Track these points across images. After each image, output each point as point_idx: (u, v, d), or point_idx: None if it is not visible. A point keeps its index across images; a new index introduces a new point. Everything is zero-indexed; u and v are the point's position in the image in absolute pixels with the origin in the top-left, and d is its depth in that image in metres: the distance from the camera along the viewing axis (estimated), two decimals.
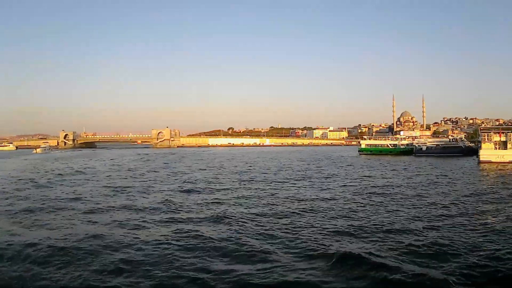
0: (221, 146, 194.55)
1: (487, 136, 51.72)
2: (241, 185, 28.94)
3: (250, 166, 49.83)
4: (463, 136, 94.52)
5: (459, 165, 48.45)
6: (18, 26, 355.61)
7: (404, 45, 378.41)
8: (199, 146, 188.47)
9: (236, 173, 40.31)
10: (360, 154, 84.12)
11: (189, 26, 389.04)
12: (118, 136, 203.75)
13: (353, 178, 33.95)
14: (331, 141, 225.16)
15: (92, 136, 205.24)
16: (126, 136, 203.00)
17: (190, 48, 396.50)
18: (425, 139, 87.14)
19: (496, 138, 50.79)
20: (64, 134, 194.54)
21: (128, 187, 27.82)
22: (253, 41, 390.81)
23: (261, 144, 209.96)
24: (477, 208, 18.29)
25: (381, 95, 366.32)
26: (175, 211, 18.30)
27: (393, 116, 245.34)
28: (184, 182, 31.45)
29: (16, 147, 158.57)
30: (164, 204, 19.76)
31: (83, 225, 15.40)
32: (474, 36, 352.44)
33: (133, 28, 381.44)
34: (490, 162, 48.86)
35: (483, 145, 51.62)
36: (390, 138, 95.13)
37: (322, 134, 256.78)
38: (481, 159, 50.25)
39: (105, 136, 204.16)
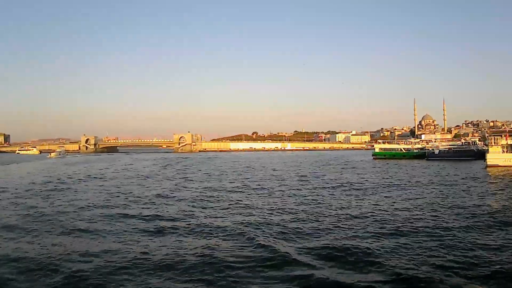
0: (242, 150, 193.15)
1: (494, 139, 49.30)
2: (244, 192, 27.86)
3: (253, 172, 49.43)
4: (477, 139, 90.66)
5: (466, 169, 46.21)
6: (42, 30, 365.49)
7: (426, 47, 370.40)
8: (220, 151, 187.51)
9: (239, 176, 40.16)
10: (374, 158, 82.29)
11: (213, 29, 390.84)
12: (140, 140, 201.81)
13: (337, 184, 33.12)
14: (352, 145, 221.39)
15: (114, 141, 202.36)
16: (148, 140, 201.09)
17: (216, 52, 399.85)
18: (438, 143, 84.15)
19: (503, 141, 48.31)
20: (86, 138, 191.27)
21: (126, 194, 26.61)
22: (279, 44, 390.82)
23: (283, 148, 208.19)
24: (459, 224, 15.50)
25: (404, 98, 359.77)
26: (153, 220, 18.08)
27: (414, 119, 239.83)
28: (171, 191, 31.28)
29: (40, 151, 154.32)
30: (150, 214, 18.86)
31: (66, 235, 14.88)
32: (496, 37, 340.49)
33: (156, 30, 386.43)
34: (497, 166, 46.46)
35: (490, 149, 49.32)
36: (404, 142, 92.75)
37: (344, 138, 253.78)
38: (488, 163, 47.89)
39: (127, 141, 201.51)
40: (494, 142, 49.21)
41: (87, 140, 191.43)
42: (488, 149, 49.98)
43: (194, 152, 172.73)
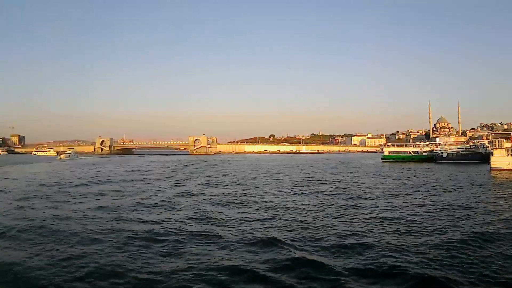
0: (257, 153, 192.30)
1: (498, 142, 47.51)
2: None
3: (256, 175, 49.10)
4: (486, 142, 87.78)
5: (469, 173, 44.38)
6: (58, 32, 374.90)
7: (441, 51, 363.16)
8: (235, 153, 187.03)
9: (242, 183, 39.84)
10: (383, 161, 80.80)
11: (231, 34, 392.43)
12: (155, 142, 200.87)
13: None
14: (367, 148, 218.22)
15: (129, 143, 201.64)
16: (164, 142, 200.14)
17: (234, 55, 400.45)
18: (448, 146, 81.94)
19: (507, 144, 46.47)
20: (101, 140, 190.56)
21: (118, 199, 25.81)
22: (295, 47, 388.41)
23: (298, 151, 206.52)
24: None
25: (421, 101, 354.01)
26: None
27: (429, 122, 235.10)
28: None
29: (57, 153, 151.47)
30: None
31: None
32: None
33: (173, 31, 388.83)
34: (501, 169, 44.66)
35: (494, 152, 47.47)
36: (412, 145, 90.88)
37: (360, 141, 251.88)
38: (492, 166, 46.12)
39: (143, 143, 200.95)
40: (499, 145, 47.42)
41: (102, 142, 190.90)
42: (492, 152, 48.14)
43: (209, 154, 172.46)
